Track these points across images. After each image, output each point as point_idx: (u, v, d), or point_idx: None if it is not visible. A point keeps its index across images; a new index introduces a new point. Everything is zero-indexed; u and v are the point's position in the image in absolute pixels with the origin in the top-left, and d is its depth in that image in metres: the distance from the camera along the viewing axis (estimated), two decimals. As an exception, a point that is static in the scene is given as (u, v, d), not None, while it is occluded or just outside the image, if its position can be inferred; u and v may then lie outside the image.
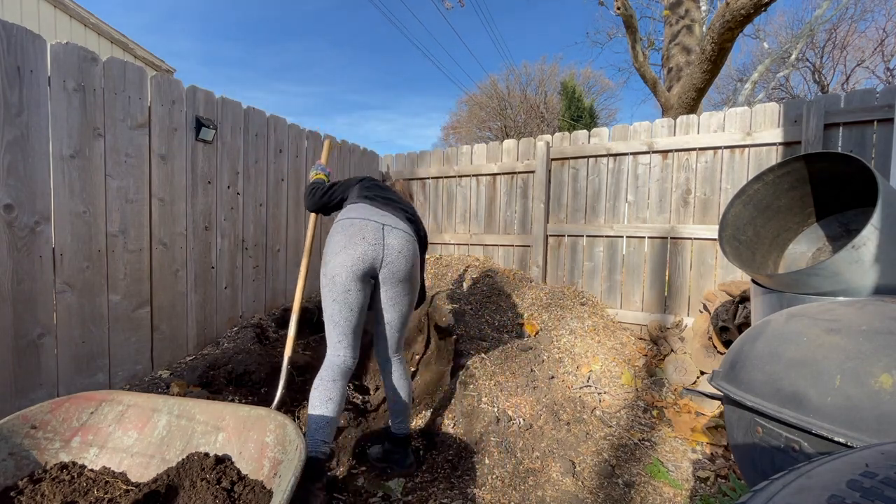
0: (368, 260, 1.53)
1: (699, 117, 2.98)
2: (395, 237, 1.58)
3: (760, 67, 10.25)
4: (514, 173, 3.71)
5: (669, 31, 6.06)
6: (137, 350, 2.26)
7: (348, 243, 1.53)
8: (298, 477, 0.96)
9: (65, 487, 1.15)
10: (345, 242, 1.53)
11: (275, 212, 3.11)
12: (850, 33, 14.44)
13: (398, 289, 1.62)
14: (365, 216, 1.60)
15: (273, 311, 3.08)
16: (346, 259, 1.52)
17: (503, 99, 20.27)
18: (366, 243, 1.53)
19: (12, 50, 1.76)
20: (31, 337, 1.85)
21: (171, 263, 2.42)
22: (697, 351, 2.60)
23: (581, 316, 2.99)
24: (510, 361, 2.42)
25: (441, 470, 1.82)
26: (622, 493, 1.72)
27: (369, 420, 2.17)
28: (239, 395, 2.19)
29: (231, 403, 1.38)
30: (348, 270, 1.52)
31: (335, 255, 1.54)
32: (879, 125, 2.47)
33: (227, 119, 2.73)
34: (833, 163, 1.66)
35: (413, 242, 1.66)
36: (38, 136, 1.85)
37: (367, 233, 1.55)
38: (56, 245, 1.93)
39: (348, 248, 1.52)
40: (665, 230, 3.04)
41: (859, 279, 1.40)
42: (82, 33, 5.29)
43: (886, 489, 0.41)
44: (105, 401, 1.33)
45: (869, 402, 0.83)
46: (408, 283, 1.64)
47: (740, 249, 1.91)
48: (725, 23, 3.92)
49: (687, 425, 2.22)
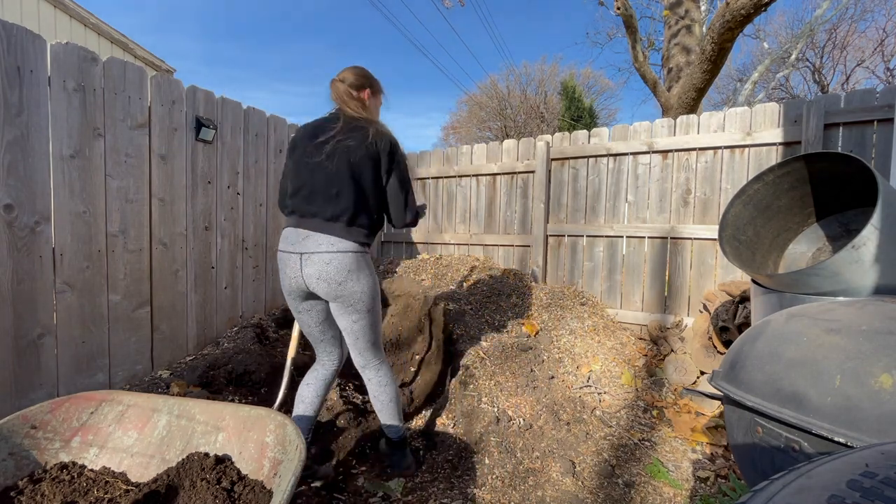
0: (297, 289, 1.58)
1: (699, 117, 2.98)
2: (311, 266, 1.51)
3: (760, 67, 10.26)
4: (514, 173, 3.71)
5: (669, 31, 6.06)
6: (137, 350, 2.26)
7: (281, 275, 1.61)
8: (298, 477, 0.96)
9: (65, 487, 1.15)
10: (280, 274, 1.63)
11: (275, 212, 3.11)
12: (850, 33, 14.45)
13: (335, 306, 1.58)
14: (284, 247, 1.58)
15: (273, 311, 3.08)
16: (284, 288, 1.63)
17: (503, 99, 20.28)
18: (288, 278, 1.57)
19: (12, 50, 1.76)
20: (31, 337, 1.85)
21: (171, 263, 2.42)
22: (697, 351, 2.60)
23: (581, 316, 2.99)
24: (510, 361, 2.42)
25: (441, 470, 1.82)
26: (622, 493, 1.72)
27: (369, 420, 2.17)
28: (239, 395, 2.19)
29: (231, 403, 1.38)
30: (288, 297, 1.64)
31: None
32: (879, 125, 2.47)
33: (227, 119, 2.73)
34: (833, 163, 1.66)
35: (335, 259, 1.51)
36: (38, 136, 1.85)
37: (288, 267, 1.56)
38: (56, 245, 1.93)
39: (283, 279, 1.61)
40: (665, 230, 3.04)
41: (859, 279, 1.40)
42: (82, 33, 5.29)
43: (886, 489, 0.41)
44: (105, 401, 1.33)
45: (869, 402, 0.83)
46: (341, 300, 1.54)
47: (740, 249, 1.91)
48: (725, 23, 3.92)
49: (687, 425, 2.22)
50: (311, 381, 1.72)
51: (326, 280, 1.51)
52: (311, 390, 1.71)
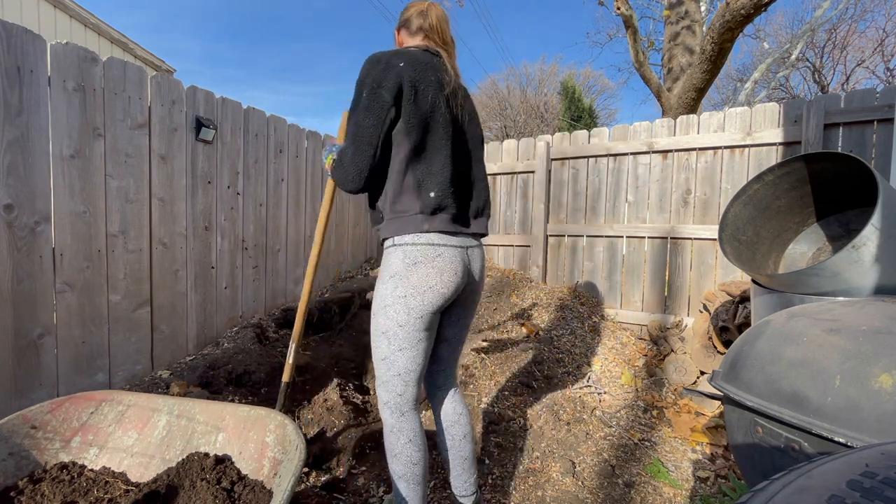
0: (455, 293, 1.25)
1: (699, 117, 2.98)
2: (477, 258, 1.31)
3: (761, 67, 10.25)
4: (514, 173, 3.71)
5: (669, 31, 6.06)
6: (137, 350, 2.26)
7: (438, 278, 1.19)
8: (298, 477, 0.96)
9: (65, 487, 1.15)
10: (436, 277, 1.19)
11: (275, 212, 3.11)
12: (850, 33, 14.44)
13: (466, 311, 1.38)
14: (450, 242, 1.22)
15: (273, 311, 3.08)
16: (438, 295, 1.20)
17: (503, 99, 20.28)
18: (457, 277, 1.22)
19: (12, 50, 1.76)
20: (31, 337, 1.85)
21: (171, 263, 2.42)
22: (697, 351, 2.60)
23: (581, 316, 2.99)
24: (510, 361, 2.42)
25: (441, 470, 1.82)
26: (622, 493, 1.72)
27: (369, 420, 2.17)
28: (239, 395, 2.19)
29: (231, 403, 1.38)
30: (432, 312, 1.21)
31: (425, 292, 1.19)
32: (879, 125, 2.47)
33: (227, 119, 2.73)
34: (833, 163, 1.66)
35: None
36: (38, 136, 1.85)
37: (457, 265, 1.22)
38: (56, 245, 1.93)
39: (440, 283, 1.19)
40: (665, 230, 3.04)
41: (859, 279, 1.40)
42: (82, 33, 5.29)
43: (886, 489, 0.41)
44: (105, 401, 1.33)
45: (869, 402, 0.83)
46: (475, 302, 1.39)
47: (740, 249, 1.91)
48: (725, 23, 3.92)
49: (687, 425, 2.22)
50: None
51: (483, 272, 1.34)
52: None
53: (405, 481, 1.24)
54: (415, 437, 1.25)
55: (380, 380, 1.25)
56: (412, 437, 1.24)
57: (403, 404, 1.24)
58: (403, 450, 1.24)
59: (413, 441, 1.24)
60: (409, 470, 1.24)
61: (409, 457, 1.24)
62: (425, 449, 1.28)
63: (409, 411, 1.25)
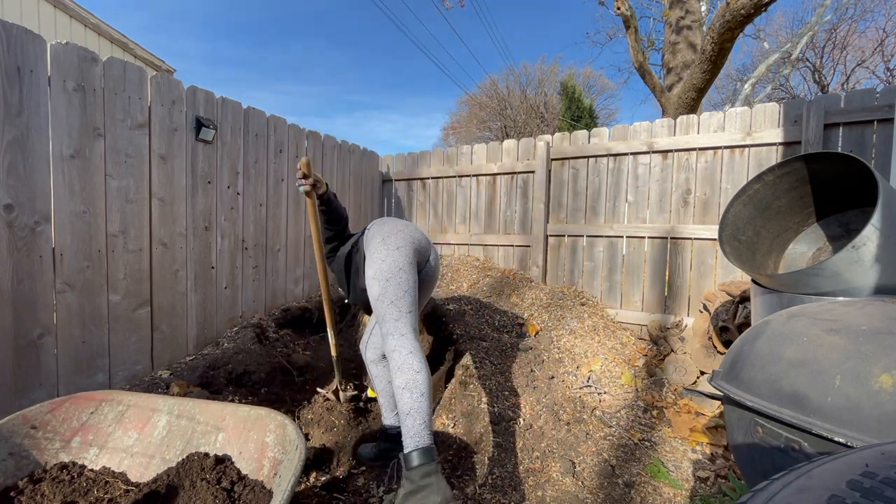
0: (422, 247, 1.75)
1: (699, 117, 2.98)
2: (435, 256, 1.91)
3: (761, 67, 10.25)
4: (514, 173, 3.71)
5: (669, 31, 6.07)
6: (137, 350, 2.26)
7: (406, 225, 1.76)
8: (298, 476, 0.96)
9: (65, 487, 1.15)
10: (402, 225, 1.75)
11: (275, 212, 3.11)
12: (850, 33, 14.44)
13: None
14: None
15: (273, 311, 3.08)
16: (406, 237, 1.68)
17: (503, 99, 20.27)
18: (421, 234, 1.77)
19: (12, 50, 1.76)
20: (31, 337, 1.85)
21: (171, 263, 2.42)
22: (697, 351, 2.60)
23: (581, 316, 2.99)
24: (510, 361, 2.42)
25: (441, 470, 1.82)
26: (622, 493, 1.72)
27: (369, 420, 2.17)
28: (239, 395, 2.19)
29: (231, 403, 1.38)
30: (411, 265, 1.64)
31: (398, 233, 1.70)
32: (879, 125, 2.47)
33: (227, 119, 2.73)
34: (833, 163, 1.66)
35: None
36: (38, 136, 1.85)
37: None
38: (56, 245, 1.93)
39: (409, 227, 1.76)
40: (665, 230, 3.04)
41: (859, 279, 1.40)
42: (82, 33, 5.29)
43: (886, 489, 0.41)
44: (105, 401, 1.33)
45: (869, 402, 0.83)
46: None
47: (740, 249, 1.91)
48: (725, 23, 3.92)
49: (687, 425, 2.22)
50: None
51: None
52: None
53: (409, 391, 1.30)
54: (415, 351, 1.39)
55: (379, 318, 1.47)
56: (412, 349, 1.38)
57: (402, 327, 1.43)
58: (405, 360, 1.35)
59: (414, 353, 1.37)
60: (411, 378, 1.32)
61: (410, 365, 1.34)
62: (426, 363, 1.39)
63: (408, 333, 1.43)
